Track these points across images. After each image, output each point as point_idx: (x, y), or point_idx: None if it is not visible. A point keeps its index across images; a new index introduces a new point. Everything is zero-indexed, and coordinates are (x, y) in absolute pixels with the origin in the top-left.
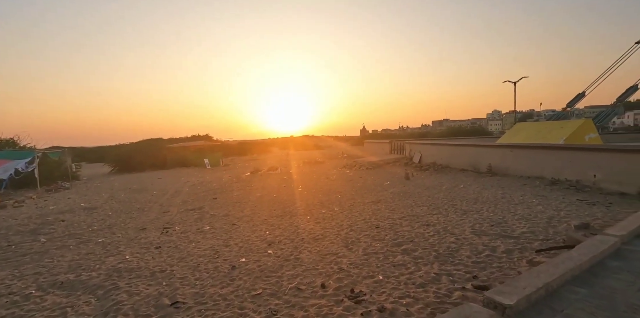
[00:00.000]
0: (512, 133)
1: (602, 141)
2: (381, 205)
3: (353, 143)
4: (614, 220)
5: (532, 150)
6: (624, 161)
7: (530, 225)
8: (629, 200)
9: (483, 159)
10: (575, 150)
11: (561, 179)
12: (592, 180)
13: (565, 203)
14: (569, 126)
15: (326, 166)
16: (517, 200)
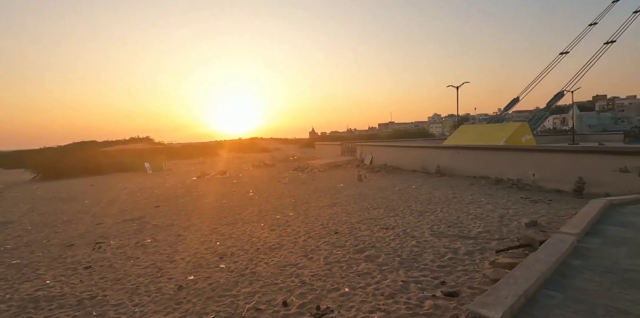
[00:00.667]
0: (457, 135)
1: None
2: (337, 208)
3: (303, 145)
4: (557, 217)
5: (477, 151)
6: (559, 161)
7: (484, 224)
8: (565, 196)
9: (432, 160)
10: (516, 151)
11: (504, 178)
12: (531, 179)
13: (512, 202)
14: (508, 128)
15: (277, 169)
16: (467, 200)
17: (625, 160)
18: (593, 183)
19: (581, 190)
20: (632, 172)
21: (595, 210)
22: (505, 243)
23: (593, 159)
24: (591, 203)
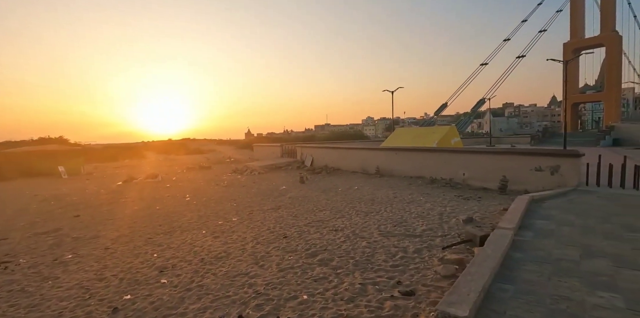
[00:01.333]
0: (394, 137)
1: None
2: (282, 211)
3: (239, 146)
4: (488, 212)
5: (413, 153)
6: (485, 162)
7: (427, 222)
8: (492, 194)
9: (371, 161)
10: (448, 152)
11: (438, 178)
12: (462, 178)
13: (447, 199)
14: (439, 131)
15: (214, 172)
16: (408, 199)
17: (539, 161)
18: (514, 181)
19: (505, 188)
20: (545, 171)
21: (522, 205)
22: (448, 239)
23: (514, 160)
24: (517, 199)
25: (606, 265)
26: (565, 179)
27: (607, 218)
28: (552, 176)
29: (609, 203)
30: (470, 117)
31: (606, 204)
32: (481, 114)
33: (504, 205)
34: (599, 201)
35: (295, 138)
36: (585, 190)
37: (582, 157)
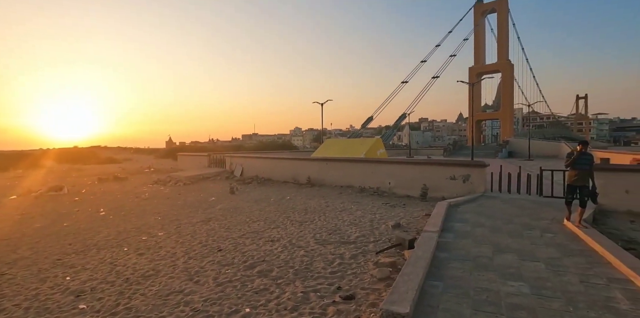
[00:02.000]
0: (324, 148)
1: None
2: (214, 223)
3: (160, 155)
4: (412, 218)
5: (343, 163)
6: (408, 171)
7: (359, 229)
8: (414, 201)
9: (303, 171)
10: (375, 163)
11: (366, 187)
12: (388, 187)
13: (376, 207)
14: (367, 143)
15: (132, 183)
16: (340, 208)
17: (453, 170)
18: (433, 188)
19: (425, 195)
20: (458, 179)
21: (442, 210)
22: (380, 244)
23: (432, 170)
24: (438, 205)
25: (513, 259)
26: (474, 186)
27: (510, 219)
28: (464, 183)
29: (509, 206)
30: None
31: (508, 207)
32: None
33: (426, 211)
34: (502, 204)
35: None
36: (490, 196)
37: (487, 167)
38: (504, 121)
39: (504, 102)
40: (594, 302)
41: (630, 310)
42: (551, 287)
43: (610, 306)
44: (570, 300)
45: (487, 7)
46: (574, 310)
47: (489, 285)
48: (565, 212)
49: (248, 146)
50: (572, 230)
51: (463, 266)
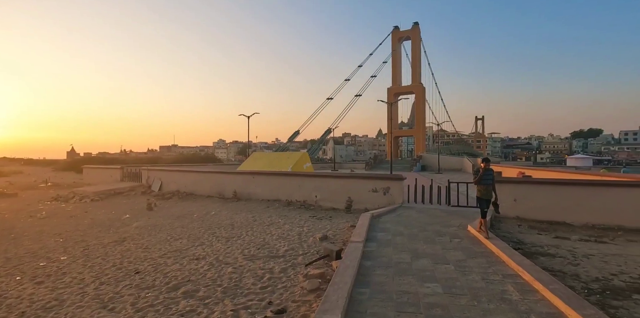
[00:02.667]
0: (251, 161)
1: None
2: (129, 243)
3: (60, 167)
4: (338, 230)
5: (270, 177)
6: (334, 185)
7: (288, 242)
8: (340, 213)
9: (228, 185)
10: (302, 176)
11: (293, 200)
12: (315, 200)
13: (304, 220)
14: (294, 156)
15: (24, 200)
16: (267, 222)
17: (375, 183)
18: (357, 201)
19: (350, 207)
20: (380, 192)
21: (366, 221)
22: (308, 256)
23: (356, 183)
24: (362, 216)
25: (428, 263)
26: (394, 198)
27: (424, 227)
28: (385, 195)
29: (424, 216)
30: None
31: (422, 216)
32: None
33: (351, 222)
34: (418, 214)
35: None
36: (408, 206)
37: (404, 180)
38: (418, 137)
39: (418, 121)
40: (492, 295)
41: (520, 299)
42: (459, 286)
43: (505, 298)
44: (474, 296)
45: (402, 34)
46: (478, 304)
47: (409, 288)
48: (478, 223)
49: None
50: (475, 234)
51: (386, 273)
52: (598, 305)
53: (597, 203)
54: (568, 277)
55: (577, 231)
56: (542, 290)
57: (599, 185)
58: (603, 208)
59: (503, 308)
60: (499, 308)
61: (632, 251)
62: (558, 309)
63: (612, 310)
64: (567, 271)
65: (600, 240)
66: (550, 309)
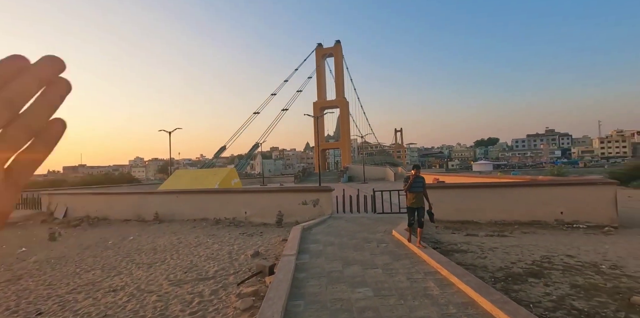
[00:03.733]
0: (174, 179)
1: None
2: (27, 281)
3: None
4: (270, 245)
5: (196, 195)
6: (264, 200)
7: (218, 262)
8: (271, 228)
9: (148, 207)
10: (230, 193)
11: (222, 218)
12: (244, 216)
13: (234, 238)
14: (220, 173)
15: None
16: (194, 243)
17: (305, 196)
18: (288, 214)
19: (281, 221)
20: (309, 204)
21: (298, 234)
22: (241, 275)
23: (286, 197)
24: (293, 230)
25: (358, 269)
26: (323, 209)
27: (353, 235)
28: (314, 207)
29: (352, 224)
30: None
31: (351, 225)
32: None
33: (283, 236)
34: (346, 223)
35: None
36: (337, 217)
37: (333, 191)
38: (344, 149)
39: (343, 133)
40: (416, 292)
41: (440, 293)
42: (388, 287)
43: (427, 293)
44: (401, 295)
45: (326, 51)
46: (404, 302)
47: (342, 295)
48: (406, 232)
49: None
50: (398, 238)
51: (319, 283)
52: (502, 290)
53: (497, 202)
54: (478, 269)
55: (483, 228)
56: (457, 283)
57: (497, 187)
58: (502, 206)
59: (426, 303)
60: (423, 303)
61: (526, 242)
62: (471, 298)
63: (513, 293)
64: (477, 264)
65: (502, 234)
66: (465, 299)
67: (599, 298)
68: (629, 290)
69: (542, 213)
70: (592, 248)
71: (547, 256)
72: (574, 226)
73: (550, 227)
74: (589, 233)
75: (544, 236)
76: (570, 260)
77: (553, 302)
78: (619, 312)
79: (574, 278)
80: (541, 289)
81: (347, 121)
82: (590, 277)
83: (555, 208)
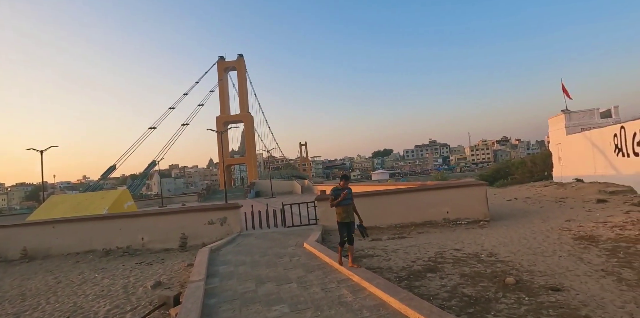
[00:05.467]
0: (48, 207)
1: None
2: None
3: None
4: (174, 271)
5: (79, 223)
6: (165, 222)
7: (110, 300)
8: (174, 253)
9: (12, 242)
10: (123, 218)
11: (113, 248)
12: (141, 243)
13: (129, 269)
14: (110, 196)
15: None
16: (78, 280)
17: (211, 215)
18: (193, 236)
19: (185, 244)
20: (216, 223)
21: (205, 257)
22: (140, 311)
23: (189, 218)
24: (200, 252)
25: (273, 286)
26: (232, 227)
27: (265, 252)
28: (222, 226)
29: (263, 241)
30: (142, 179)
31: (262, 241)
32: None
33: (188, 261)
34: (257, 240)
35: None
36: (246, 234)
37: (241, 208)
38: (250, 165)
39: (248, 148)
40: (332, 302)
41: (354, 299)
42: (304, 301)
43: (342, 301)
44: (317, 306)
45: (228, 64)
46: (321, 313)
47: (257, 316)
48: (319, 245)
49: None
50: (310, 250)
51: (232, 306)
52: (407, 288)
53: (396, 207)
54: (385, 271)
55: (385, 232)
56: (368, 287)
57: (395, 193)
58: (400, 211)
59: (341, 311)
60: (338, 312)
61: (421, 241)
62: (381, 299)
63: (416, 289)
64: (383, 266)
65: (401, 236)
66: (376, 301)
67: (482, 283)
68: (503, 273)
69: (432, 214)
70: (472, 241)
71: (439, 251)
72: (457, 223)
73: (439, 226)
74: (469, 228)
75: (435, 234)
76: (458, 253)
77: (448, 292)
78: (497, 292)
79: (462, 269)
80: (438, 282)
81: (252, 136)
82: (474, 266)
83: (442, 208)
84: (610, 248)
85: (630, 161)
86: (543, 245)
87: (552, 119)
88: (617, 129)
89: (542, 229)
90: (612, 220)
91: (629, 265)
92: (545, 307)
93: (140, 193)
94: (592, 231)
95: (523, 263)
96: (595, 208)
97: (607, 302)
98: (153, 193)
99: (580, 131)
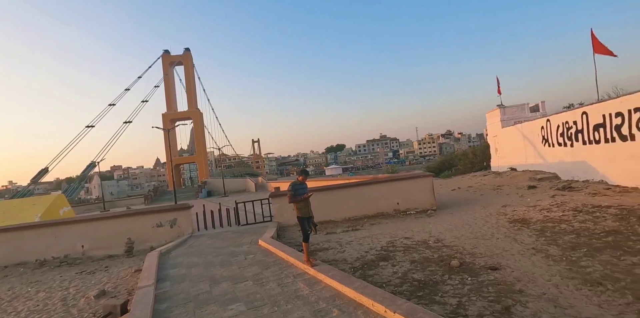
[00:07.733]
0: None
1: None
2: None
3: None
4: (119, 279)
5: (6, 234)
6: (108, 228)
7: (46, 315)
8: (119, 259)
9: None
10: (59, 225)
11: (48, 258)
12: (81, 251)
13: (68, 280)
14: (42, 202)
15: None
16: (7, 296)
17: (159, 217)
18: (140, 240)
19: (132, 249)
20: (166, 225)
21: (154, 261)
22: None
23: (136, 221)
24: (148, 257)
25: (228, 286)
26: (182, 229)
27: (219, 251)
28: (172, 228)
29: (216, 240)
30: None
31: (215, 241)
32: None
33: (136, 267)
34: (210, 240)
35: None
36: (198, 235)
37: (192, 208)
38: (200, 163)
39: (198, 146)
40: (288, 296)
41: (310, 292)
42: (260, 298)
43: (298, 295)
44: (274, 302)
45: (174, 59)
46: (278, 308)
47: (212, 317)
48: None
49: None
50: (265, 247)
51: (186, 310)
52: (361, 277)
53: (350, 201)
54: (339, 262)
55: (340, 225)
56: (324, 279)
57: (349, 187)
58: (353, 204)
59: (298, 304)
60: (295, 305)
61: (374, 232)
62: (337, 290)
63: (370, 278)
64: (338, 258)
65: (355, 228)
66: (332, 292)
67: (430, 267)
68: (449, 257)
69: (384, 205)
70: (421, 229)
71: (391, 241)
72: (407, 213)
73: (391, 216)
74: (418, 217)
75: (387, 225)
76: (408, 241)
77: (399, 278)
78: (444, 275)
79: (412, 256)
80: (390, 269)
81: (202, 133)
82: (422, 252)
83: (393, 200)
84: (539, 228)
85: (554, 150)
86: (483, 229)
87: (489, 113)
88: (544, 122)
89: (482, 215)
90: (540, 203)
91: (555, 243)
92: (486, 285)
93: (78, 197)
94: (524, 215)
95: (466, 247)
96: (527, 194)
97: (537, 277)
98: (93, 197)
99: (513, 124)
